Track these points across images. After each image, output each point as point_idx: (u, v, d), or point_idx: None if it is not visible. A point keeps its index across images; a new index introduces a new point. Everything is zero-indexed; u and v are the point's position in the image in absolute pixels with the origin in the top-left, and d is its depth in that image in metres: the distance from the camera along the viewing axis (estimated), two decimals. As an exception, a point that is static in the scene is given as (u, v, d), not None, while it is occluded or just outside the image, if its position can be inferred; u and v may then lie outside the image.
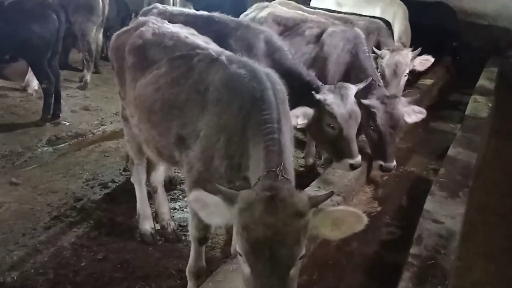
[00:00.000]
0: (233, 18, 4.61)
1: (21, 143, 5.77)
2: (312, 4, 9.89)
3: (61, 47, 6.79)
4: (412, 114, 4.33)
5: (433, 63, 5.68)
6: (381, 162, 4.25)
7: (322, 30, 5.12)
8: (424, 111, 4.38)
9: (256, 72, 2.68)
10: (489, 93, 7.30)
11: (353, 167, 3.86)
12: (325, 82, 4.61)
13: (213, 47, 3.14)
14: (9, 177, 4.95)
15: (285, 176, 2.18)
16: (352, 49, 4.82)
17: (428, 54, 7.15)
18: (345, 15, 6.62)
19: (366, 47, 4.84)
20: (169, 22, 4.45)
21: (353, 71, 4.77)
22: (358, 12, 7.10)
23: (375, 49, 5.40)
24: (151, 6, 5.00)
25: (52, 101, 6.51)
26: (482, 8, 10.84)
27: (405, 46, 7.13)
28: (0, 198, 4.52)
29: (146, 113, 3.11)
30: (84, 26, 8.19)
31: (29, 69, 7.23)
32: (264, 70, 2.78)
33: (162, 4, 8.23)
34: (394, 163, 4.26)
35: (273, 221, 1.87)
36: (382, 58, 5.28)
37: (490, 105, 6.57)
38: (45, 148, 5.84)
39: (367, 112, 4.22)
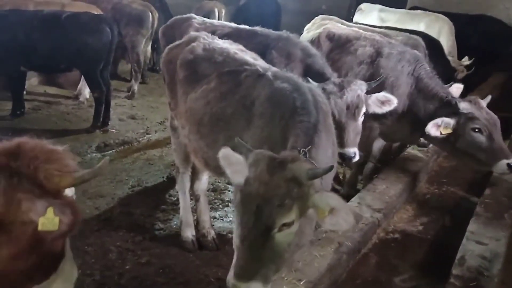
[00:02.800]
0: (273, 31, 4.76)
1: (72, 149, 5.83)
2: (355, 19, 9.94)
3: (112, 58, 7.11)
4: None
5: (481, 79, 5.59)
6: (505, 160, 3.92)
7: (376, 49, 5.07)
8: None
9: (299, 85, 2.80)
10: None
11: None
12: None
13: (260, 63, 3.25)
14: (60, 180, 5.21)
15: (309, 159, 2.27)
16: (414, 71, 4.64)
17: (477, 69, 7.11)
18: (384, 30, 6.59)
19: (429, 68, 4.72)
20: (212, 33, 4.67)
21: (418, 95, 4.57)
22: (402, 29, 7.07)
23: None
24: (185, 16, 5.17)
25: (102, 109, 6.81)
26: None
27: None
28: (52, 200, 4.76)
29: (196, 125, 3.25)
30: (134, 38, 8.55)
31: (81, 78, 7.63)
32: (307, 85, 2.88)
33: (209, 18, 8.55)
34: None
35: (267, 179, 2.01)
36: None
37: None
38: (94, 154, 6.11)
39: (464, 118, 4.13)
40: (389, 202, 4.15)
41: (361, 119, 3.78)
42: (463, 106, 4.07)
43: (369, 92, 3.87)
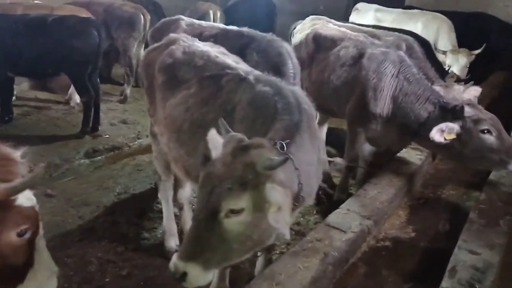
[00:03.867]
0: (260, 33, 4.61)
1: (60, 155, 5.93)
2: (351, 19, 9.82)
3: (101, 62, 6.99)
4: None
5: (481, 78, 5.43)
6: None
7: (358, 50, 4.90)
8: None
9: (281, 88, 2.69)
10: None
11: None
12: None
13: (242, 67, 3.11)
14: (45, 188, 5.08)
15: (286, 152, 2.18)
16: (398, 73, 4.45)
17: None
18: (372, 30, 6.43)
19: (415, 69, 4.52)
20: (200, 34, 4.54)
21: (403, 98, 4.38)
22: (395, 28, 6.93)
23: None
24: (174, 18, 5.07)
25: (92, 114, 6.68)
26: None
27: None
28: (35, 209, 4.63)
29: (176, 132, 3.11)
30: (126, 41, 8.43)
31: (72, 83, 7.50)
32: (290, 87, 2.74)
33: (204, 20, 8.42)
34: None
35: (228, 161, 2.01)
36: None
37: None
38: (82, 161, 5.99)
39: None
40: (380, 208, 3.99)
41: None
42: (466, 109, 3.92)
43: None
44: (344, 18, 10.02)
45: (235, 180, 1.95)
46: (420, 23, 8.94)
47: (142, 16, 8.43)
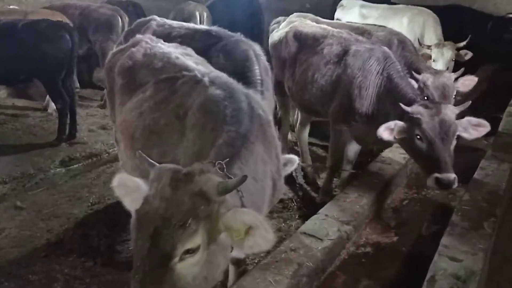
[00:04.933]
0: (229, 32, 4.41)
1: (34, 165, 5.71)
2: (336, 16, 9.66)
3: (77, 67, 6.78)
4: (469, 128, 3.67)
5: (467, 72, 5.25)
6: (437, 174, 3.49)
7: (343, 47, 4.71)
8: (485, 122, 3.66)
9: (234, 91, 2.48)
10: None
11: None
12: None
13: (200, 68, 2.91)
14: (15, 200, 4.88)
15: (226, 173, 1.93)
16: (383, 70, 4.27)
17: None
18: (363, 26, 6.28)
19: (399, 67, 4.34)
20: (169, 35, 4.35)
21: (386, 95, 4.21)
22: (384, 24, 6.74)
23: (414, 74, 4.99)
24: (147, 18, 4.88)
25: (68, 121, 6.46)
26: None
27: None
28: (2, 224, 4.43)
29: (130, 139, 2.92)
30: (104, 44, 8.19)
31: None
32: (245, 90, 2.54)
33: (190, 21, 8.19)
34: (453, 174, 3.48)
35: (169, 195, 1.70)
36: (424, 83, 4.82)
37: (527, 120, 6.03)
38: (57, 170, 5.75)
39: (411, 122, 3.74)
40: (360, 212, 3.81)
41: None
42: (414, 110, 3.65)
43: None
44: (331, 15, 9.83)
45: (187, 214, 1.66)
46: (406, 18, 8.78)
47: (119, 18, 8.21)
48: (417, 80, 4.86)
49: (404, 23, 8.66)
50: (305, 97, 5.05)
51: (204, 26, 4.57)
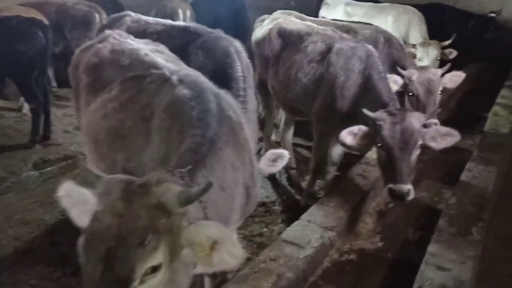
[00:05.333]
0: (208, 28, 4.20)
1: (6, 168, 5.46)
2: (320, 14, 9.51)
3: (52, 65, 6.52)
4: (438, 137, 3.45)
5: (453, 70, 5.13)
6: (391, 184, 3.34)
7: (327, 45, 4.55)
8: (454, 132, 3.44)
9: (203, 91, 2.28)
10: (511, 105, 6.62)
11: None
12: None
13: (170, 66, 2.70)
14: (-17, 206, 4.62)
15: (189, 182, 1.74)
16: (364, 70, 4.13)
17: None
18: (348, 24, 6.13)
19: (381, 67, 4.17)
20: (144, 31, 4.13)
21: (364, 95, 4.08)
22: (369, 23, 6.60)
23: (399, 70, 4.85)
24: (122, 14, 4.65)
25: (41, 121, 6.20)
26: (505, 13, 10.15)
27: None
28: (-31, 231, 4.18)
29: (94, 143, 2.71)
30: (81, 42, 7.80)
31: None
32: (215, 90, 2.35)
33: (172, 19, 7.93)
34: (408, 186, 3.30)
35: (122, 210, 1.48)
36: (409, 78, 4.65)
37: (512, 119, 5.93)
38: (31, 173, 5.50)
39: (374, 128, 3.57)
40: (344, 217, 3.64)
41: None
42: (378, 115, 3.48)
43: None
44: (316, 13, 9.68)
45: (145, 231, 1.46)
46: (391, 17, 8.69)
47: (97, 15, 7.94)
48: (402, 76, 4.74)
49: (389, 21, 8.56)
50: (288, 96, 4.88)
51: (181, 23, 4.34)
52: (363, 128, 3.49)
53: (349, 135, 3.49)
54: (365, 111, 3.56)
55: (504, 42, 9.58)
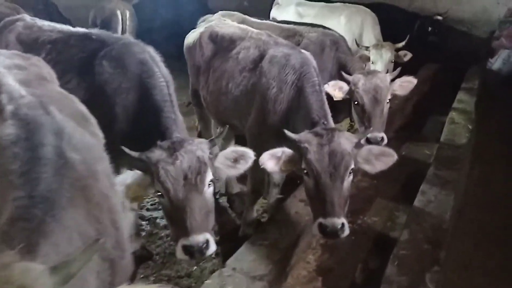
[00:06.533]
0: (114, 35, 3.60)
1: None
2: (271, 15, 9.03)
3: None
4: (372, 159, 2.95)
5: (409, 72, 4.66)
6: (321, 219, 2.77)
7: (260, 52, 3.97)
8: (390, 151, 2.96)
9: (36, 130, 1.67)
10: (469, 110, 6.21)
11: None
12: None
13: (17, 90, 1.99)
14: None
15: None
16: (298, 81, 3.58)
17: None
18: (294, 27, 5.60)
19: (316, 78, 3.60)
20: (35, 40, 3.50)
21: (296, 111, 3.55)
22: (321, 23, 6.09)
23: (344, 75, 4.32)
24: (15, 17, 4.00)
25: None
26: (460, 12, 9.90)
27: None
28: None
29: None
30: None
31: None
32: (62, 124, 1.71)
33: (111, 22, 7.15)
34: (341, 219, 2.75)
35: None
36: (355, 84, 4.18)
37: (470, 127, 5.49)
38: None
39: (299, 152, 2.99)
40: (278, 260, 3.03)
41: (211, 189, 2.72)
42: (302, 137, 2.95)
43: None
44: (264, 14, 9.15)
45: None
46: (343, 17, 8.28)
47: (17, 18, 7.07)
48: (348, 82, 4.22)
49: (341, 22, 8.17)
50: (220, 109, 4.28)
51: (81, 29, 3.65)
52: (287, 151, 2.93)
53: (271, 159, 2.93)
54: (287, 132, 3.00)
55: (456, 42, 9.40)
